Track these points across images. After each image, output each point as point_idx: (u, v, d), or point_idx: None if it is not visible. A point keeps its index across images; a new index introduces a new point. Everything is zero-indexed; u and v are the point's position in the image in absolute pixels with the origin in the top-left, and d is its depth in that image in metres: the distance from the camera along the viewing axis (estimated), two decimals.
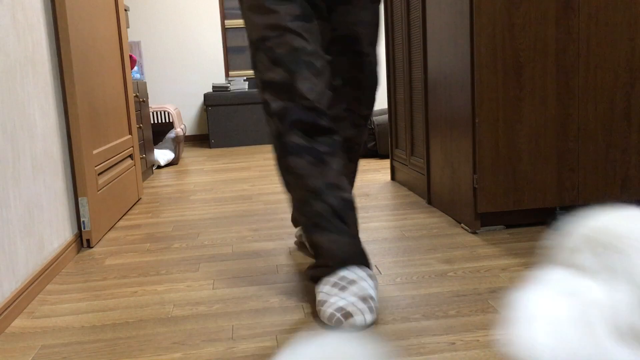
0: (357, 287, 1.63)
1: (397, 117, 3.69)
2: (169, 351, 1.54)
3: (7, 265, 1.86)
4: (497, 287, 1.86)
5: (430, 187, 3.02)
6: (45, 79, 2.37)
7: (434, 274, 2.01)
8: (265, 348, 1.53)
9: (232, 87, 6.60)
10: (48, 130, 2.35)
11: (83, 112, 2.62)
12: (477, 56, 2.33)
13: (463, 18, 2.40)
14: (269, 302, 1.84)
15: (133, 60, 4.48)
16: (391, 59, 3.71)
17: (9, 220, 1.90)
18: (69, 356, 1.55)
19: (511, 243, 2.30)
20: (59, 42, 2.50)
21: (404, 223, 2.71)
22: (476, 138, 2.37)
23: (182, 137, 5.37)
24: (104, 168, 2.90)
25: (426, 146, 3.01)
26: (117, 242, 2.70)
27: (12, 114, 2.00)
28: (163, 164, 5.06)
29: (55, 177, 2.38)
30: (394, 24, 3.58)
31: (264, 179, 4.15)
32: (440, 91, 2.76)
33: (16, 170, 2.00)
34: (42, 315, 1.86)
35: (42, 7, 2.40)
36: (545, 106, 2.38)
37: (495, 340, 1.50)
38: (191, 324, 1.69)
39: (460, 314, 1.67)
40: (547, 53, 2.35)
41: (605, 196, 2.46)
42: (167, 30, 7.05)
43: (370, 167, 4.45)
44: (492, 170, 2.39)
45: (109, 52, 3.23)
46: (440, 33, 2.72)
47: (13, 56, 2.06)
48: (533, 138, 2.39)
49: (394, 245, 2.37)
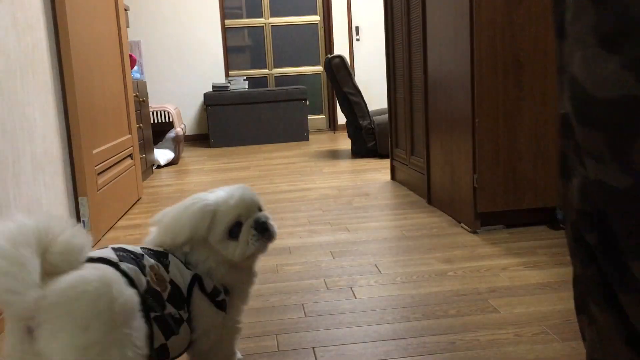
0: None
1: (397, 117, 3.69)
2: None
3: None
4: (497, 286, 1.86)
5: (430, 187, 3.02)
6: (45, 79, 2.37)
7: (434, 274, 2.01)
8: (265, 347, 1.53)
9: (232, 86, 6.60)
10: (48, 130, 2.35)
11: (83, 112, 2.62)
12: (477, 56, 2.33)
13: (463, 18, 2.40)
14: (269, 301, 1.84)
15: (133, 60, 4.48)
16: (391, 59, 3.71)
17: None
18: None
19: (511, 243, 2.30)
20: (59, 42, 2.50)
21: (404, 223, 2.71)
22: (476, 138, 2.37)
23: (182, 136, 5.37)
24: (104, 168, 2.90)
25: (426, 146, 3.01)
26: (117, 241, 2.70)
27: (12, 114, 2.00)
28: (163, 164, 5.06)
29: (55, 177, 2.38)
30: (394, 24, 3.58)
31: (263, 179, 4.15)
32: (440, 91, 2.76)
33: (16, 170, 2.00)
34: None
35: (42, 7, 2.40)
36: (545, 106, 2.38)
37: (495, 340, 1.50)
38: None
39: (460, 314, 1.67)
40: (547, 53, 2.35)
41: None
42: (167, 30, 7.05)
43: (370, 166, 4.45)
44: (492, 170, 2.39)
45: (109, 52, 3.23)
46: (440, 33, 2.72)
47: (13, 56, 2.06)
48: (533, 138, 2.39)
49: (394, 245, 2.37)
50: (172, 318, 1.16)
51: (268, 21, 7.34)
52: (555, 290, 1.80)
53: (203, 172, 4.71)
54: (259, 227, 1.27)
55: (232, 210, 1.26)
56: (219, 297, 1.28)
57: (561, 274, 1.94)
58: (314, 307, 1.78)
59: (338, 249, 2.36)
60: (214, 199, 1.28)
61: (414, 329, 1.59)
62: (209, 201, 1.27)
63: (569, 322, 1.58)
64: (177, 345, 1.20)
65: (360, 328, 1.62)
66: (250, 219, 1.28)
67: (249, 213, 1.28)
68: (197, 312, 1.22)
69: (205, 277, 1.26)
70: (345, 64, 4.97)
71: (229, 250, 1.26)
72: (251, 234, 1.27)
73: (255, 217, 1.28)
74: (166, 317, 1.15)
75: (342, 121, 7.28)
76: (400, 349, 1.48)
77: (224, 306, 1.29)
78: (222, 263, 1.28)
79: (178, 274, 1.22)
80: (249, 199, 1.29)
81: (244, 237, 1.26)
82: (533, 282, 1.88)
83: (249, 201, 1.29)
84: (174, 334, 1.17)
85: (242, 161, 5.15)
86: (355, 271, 2.08)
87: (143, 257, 1.18)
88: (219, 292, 1.27)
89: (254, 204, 1.30)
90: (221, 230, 1.26)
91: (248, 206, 1.28)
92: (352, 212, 2.99)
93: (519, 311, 1.66)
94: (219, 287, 1.28)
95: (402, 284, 1.93)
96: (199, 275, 1.25)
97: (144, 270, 1.14)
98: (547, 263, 2.05)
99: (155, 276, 1.16)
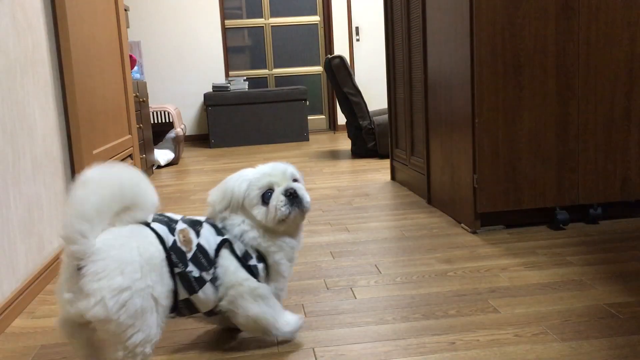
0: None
1: (397, 117, 3.69)
2: (169, 351, 1.54)
3: (7, 265, 1.86)
4: (497, 287, 1.86)
5: (430, 187, 3.02)
6: (45, 79, 2.37)
7: (434, 274, 2.01)
8: (265, 347, 1.53)
9: (232, 87, 6.60)
10: (48, 130, 2.35)
11: (83, 112, 2.62)
12: (477, 56, 2.33)
13: (463, 18, 2.40)
14: None
15: (133, 60, 4.47)
16: (391, 59, 3.71)
17: (9, 220, 1.90)
18: (69, 356, 1.55)
19: (511, 243, 2.30)
20: (59, 42, 2.50)
21: (404, 223, 2.71)
22: (476, 138, 2.37)
23: (182, 137, 5.37)
24: None
25: (426, 146, 3.01)
26: None
27: (12, 114, 2.00)
28: (163, 164, 5.06)
29: (55, 177, 2.38)
30: (394, 24, 3.58)
31: None
32: (440, 91, 2.76)
33: (16, 171, 2.00)
34: (42, 315, 1.86)
35: (42, 7, 2.40)
36: (545, 106, 2.38)
37: (495, 340, 1.50)
38: (191, 324, 1.69)
39: (460, 314, 1.67)
40: (547, 53, 2.35)
41: (605, 196, 2.46)
42: (167, 30, 7.06)
43: (370, 167, 4.45)
44: (492, 170, 2.39)
45: (109, 52, 3.23)
46: (440, 33, 2.72)
47: (13, 56, 2.06)
48: (533, 138, 2.39)
49: (394, 245, 2.37)
50: (193, 277, 1.34)
51: (268, 21, 7.35)
52: (555, 290, 1.80)
53: (203, 172, 4.71)
54: (289, 194, 1.41)
55: (265, 177, 1.43)
56: (250, 262, 1.42)
57: (561, 274, 1.94)
58: (314, 307, 1.78)
59: (338, 249, 2.36)
60: (253, 171, 1.47)
61: (414, 329, 1.59)
62: (244, 172, 1.46)
63: (569, 322, 1.58)
64: (203, 302, 1.38)
65: (360, 328, 1.61)
66: (282, 187, 1.42)
67: (282, 182, 1.43)
68: (221, 271, 1.39)
69: (236, 241, 1.42)
70: (345, 64, 4.97)
71: (261, 214, 1.41)
72: (280, 199, 1.41)
73: (287, 185, 1.43)
74: (188, 275, 1.34)
75: (342, 121, 7.28)
76: (400, 349, 1.48)
77: (256, 273, 1.42)
78: (255, 227, 1.43)
79: (210, 238, 1.40)
80: (283, 169, 1.46)
81: (274, 202, 1.41)
82: (533, 282, 1.88)
83: (283, 170, 1.45)
84: (195, 291, 1.35)
85: (242, 161, 5.15)
86: (355, 271, 2.08)
87: (176, 222, 1.39)
88: (250, 257, 1.42)
89: (288, 174, 1.45)
90: (255, 195, 1.42)
91: (281, 174, 1.44)
92: (352, 212, 2.99)
93: (519, 311, 1.66)
94: (250, 252, 1.42)
95: (402, 284, 1.93)
96: (227, 239, 1.41)
97: (173, 232, 1.35)
98: (547, 263, 2.05)
99: (183, 238, 1.36)
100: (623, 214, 2.55)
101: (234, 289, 1.39)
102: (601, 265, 2.00)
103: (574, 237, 2.33)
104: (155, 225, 1.33)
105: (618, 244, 2.22)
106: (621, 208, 2.54)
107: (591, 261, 2.04)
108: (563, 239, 2.31)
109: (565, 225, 2.45)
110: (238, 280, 1.39)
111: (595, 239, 2.29)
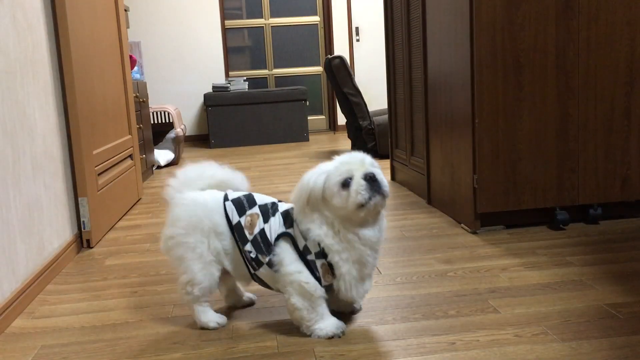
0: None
1: (397, 117, 3.69)
2: (169, 351, 1.54)
3: (7, 265, 1.86)
4: (497, 287, 1.86)
5: (430, 187, 3.02)
6: (45, 79, 2.37)
7: (434, 274, 2.01)
8: (265, 347, 1.53)
9: (232, 87, 6.60)
10: (48, 130, 2.35)
11: (83, 112, 2.62)
12: (477, 56, 2.33)
13: (463, 18, 2.40)
14: (269, 301, 1.84)
15: (133, 61, 4.47)
16: (391, 59, 3.70)
17: (9, 221, 1.90)
18: (69, 356, 1.55)
19: (511, 243, 2.30)
20: (59, 42, 2.50)
21: (404, 223, 2.71)
22: (476, 138, 2.37)
23: (182, 137, 5.37)
24: (104, 168, 2.90)
25: (426, 146, 3.01)
26: (117, 242, 2.70)
27: (12, 114, 2.00)
28: (163, 164, 5.06)
29: (55, 177, 2.38)
30: (394, 24, 3.58)
31: (263, 179, 4.15)
32: (440, 91, 2.76)
33: (16, 171, 2.00)
34: (42, 316, 1.86)
35: (42, 7, 2.40)
36: (545, 106, 2.38)
37: (495, 340, 1.50)
38: (191, 324, 1.69)
39: (460, 314, 1.67)
40: (547, 53, 2.35)
41: (605, 196, 2.46)
42: (167, 30, 7.06)
43: None
44: (492, 170, 2.39)
45: (109, 53, 3.23)
46: (440, 33, 2.72)
47: (13, 56, 2.06)
48: (533, 138, 2.39)
49: (394, 245, 2.37)
50: (251, 257, 1.55)
51: (268, 22, 7.35)
52: (555, 291, 1.79)
53: None
54: (368, 178, 1.46)
55: (343, 165, 1.49)
56: (308, 256, 1.51)
57: (561, 274, 1.94)
58: None
59: None
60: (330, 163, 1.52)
61: (414, 329, 1.59)
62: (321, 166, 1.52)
63: (569, 322, 1.58)
64: (267, 279, 1.59)
65: (360, 328, 1.61)
66: (361, 171, 1.47)
67: (361, 168, 1.48)
68: (276, 260, 1.53)
69: (299, 237, 1.52)
70: (345, 64, 4.97)
71: (342, 201, 1.46)
72: (360, 184, 1.45)
73: (366, 169, 1.48)
74: (247, 253, 1.56)
75: (342, 122, 7.28)
76: (400, 349, 1.48)
77: (313, 267, 1.51)
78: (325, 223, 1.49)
79: (274, 227, 1.55)
80: (361, 157, 1.51)
81: (354, 186, 1.45)
82: (533, 282, 1.88)
83: (361, 158, 1.50)
84: (255, 268, 1.57)
85: (242, 162, 5.15)
86: None
87: (251, 207, 1.60)
88: (309, 252, 1.51)
89: (366, 162, 1.50)
90: (335, 182, 1.47)
91: (359, 162, 1.49)
92: None
93: (519, 311, 1.66)
94: (310, 247, 1.50)
95: (402, 285, 1.93)
96: (287, 233, 1.54)
97: (243, 213, 1.58)
98: (547, 263, 2.04)
99: (250, 221, 1.57)
100: (623, 214, 2.55)
101: (286, 277, 1.52)
102: (601, 265, 2.00)
103: (574, 237, 2.33)
104: (228, 203, 1.60)
105: (618, 244, 2.22)
106: (621, 208, 2.54)
107: (591, 261, 2.04)
108: (563, 239, 2.31)
109: (566, 225, 2.45)
110: (290, 271, 1.51)
111: (595, 239, 2.29)
